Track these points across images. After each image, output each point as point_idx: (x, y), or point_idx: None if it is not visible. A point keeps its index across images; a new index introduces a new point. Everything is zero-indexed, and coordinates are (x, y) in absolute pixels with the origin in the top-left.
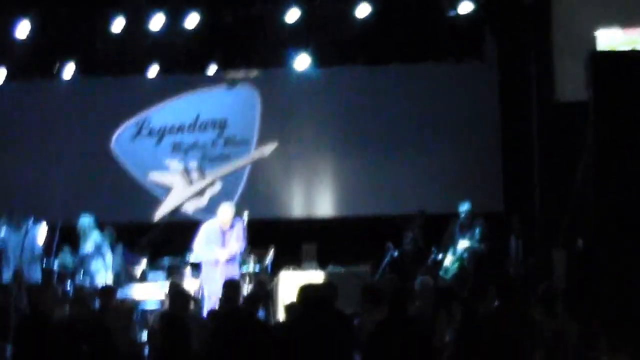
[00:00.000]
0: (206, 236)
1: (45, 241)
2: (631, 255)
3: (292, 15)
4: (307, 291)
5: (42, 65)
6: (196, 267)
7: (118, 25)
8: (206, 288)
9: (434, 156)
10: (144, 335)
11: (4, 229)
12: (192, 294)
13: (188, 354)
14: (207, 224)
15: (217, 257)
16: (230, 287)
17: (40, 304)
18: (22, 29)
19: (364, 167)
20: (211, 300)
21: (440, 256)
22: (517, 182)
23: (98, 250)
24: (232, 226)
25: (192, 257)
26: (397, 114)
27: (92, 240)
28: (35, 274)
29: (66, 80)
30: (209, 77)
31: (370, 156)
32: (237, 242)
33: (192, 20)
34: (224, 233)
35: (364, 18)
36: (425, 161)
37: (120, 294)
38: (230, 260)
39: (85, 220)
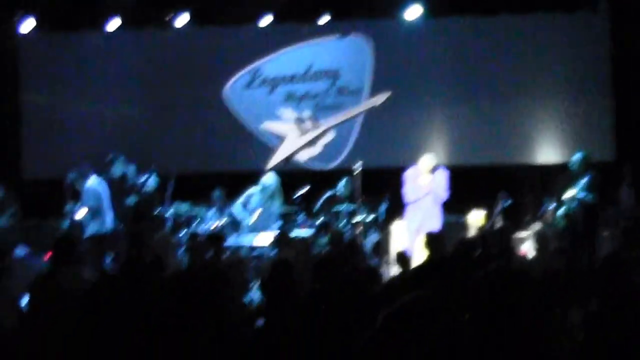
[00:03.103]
0: (409, 181)
1: (159, 190)
2: None
3: None
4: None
5: (155, 13)
6: (310, 216)
7: None
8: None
9: (546, 107)
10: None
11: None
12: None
13: (294, 300)
14: (408, 172)
15: (423, 186)
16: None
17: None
18: None
19: (476, 117)
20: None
21: (551, 206)
22: (629, 132)
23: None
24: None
25: (409, 198)
26: (508, 64)
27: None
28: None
29: (179, 29)
30: (321, 26)
31: (482, 106)
32: (440, 188)
33: None
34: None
35: None
36: (537, 112)
37: (234, 241)
38: (434, 206)
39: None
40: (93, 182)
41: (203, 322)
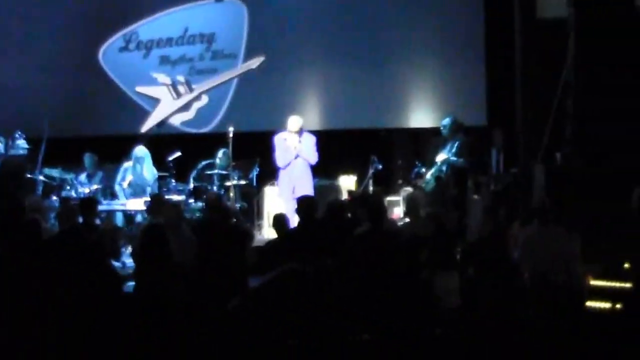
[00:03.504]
0: (279, 145)
1: (31, 152)
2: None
3: None
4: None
5: None
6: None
7: None
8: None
9: (418, 70)
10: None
11: None
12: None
13: (166, 263)
14: (277, 136)
15: (292, 149)
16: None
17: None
18: None
19: (349, 80)
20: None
21: (423, 170)
22: (499, 97)
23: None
24: (300, 136)
25: (280, 162)
26: (382, 26)
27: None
28: None
29: None
30: None
31: (355, 69)
32: (309, 151)
33: None
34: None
35: None
36: (410, 75)
37: (108, 206)
38: (305, 170)
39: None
40: None
41: (75, 286)
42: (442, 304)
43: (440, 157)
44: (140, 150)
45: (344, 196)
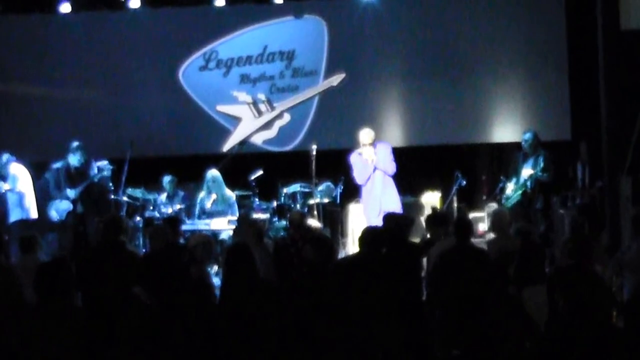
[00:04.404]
0: (355, 162)
1: (114, 174)
2: None
3: None
4: (388, 221)
5: None
6: (265, 199)
7: None
8: (367, 215)
9: (500, 84)
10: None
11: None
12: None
13: (253, 282)
14: (352, 154)
15: (370, 162)
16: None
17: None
18: None
19: (432, 96)
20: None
21: (507, 185)
22: (583, 110)
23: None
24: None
25: (360, 180)
26: (462, 42)
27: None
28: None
29: (132, 11)
30: (276, 7)
31: (438, 85)
32: (386, 161)
33: None
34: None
35: None
36: (493, 90)
37: (192, 225)
38: (387, 183)
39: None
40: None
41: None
42: (532, 319)
43: (526, 172)
44: (213, 172)
45: (427, 212)
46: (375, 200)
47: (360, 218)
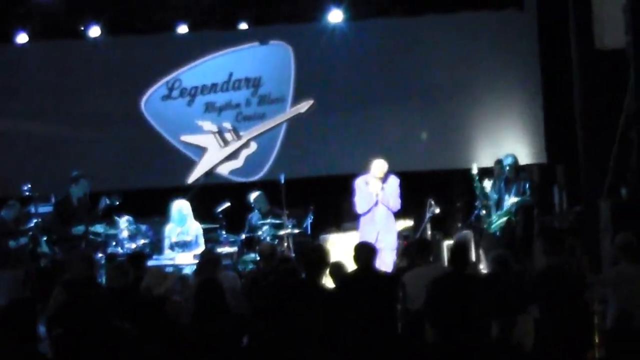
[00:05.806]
0: (360, 189)
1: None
2: None
3: None
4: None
5: (67, 25)
6: (232, 232)
7: None
8: None
9: (473, 108)
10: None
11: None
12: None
13: (224, 315)
14: (358, 180)
15: (374, 195)
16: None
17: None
18: None
19: (403, 122)
20: None
21: (483, 211)
22: (560, 133)
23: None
24: (384, 182)
25: (360, 208)
26: (434, 66)
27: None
28: None
29: (92, 40)
30: (241, 33)
31: (409, 110)
32: (392, 197)
33: None
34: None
35: None
36: (465, 115)
37: (157, 261)
38: (388, 218)
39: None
40: None
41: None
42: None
43: (512, 200)
44: (179, 203)
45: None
46: (373, 232)
47: (337, 249)
